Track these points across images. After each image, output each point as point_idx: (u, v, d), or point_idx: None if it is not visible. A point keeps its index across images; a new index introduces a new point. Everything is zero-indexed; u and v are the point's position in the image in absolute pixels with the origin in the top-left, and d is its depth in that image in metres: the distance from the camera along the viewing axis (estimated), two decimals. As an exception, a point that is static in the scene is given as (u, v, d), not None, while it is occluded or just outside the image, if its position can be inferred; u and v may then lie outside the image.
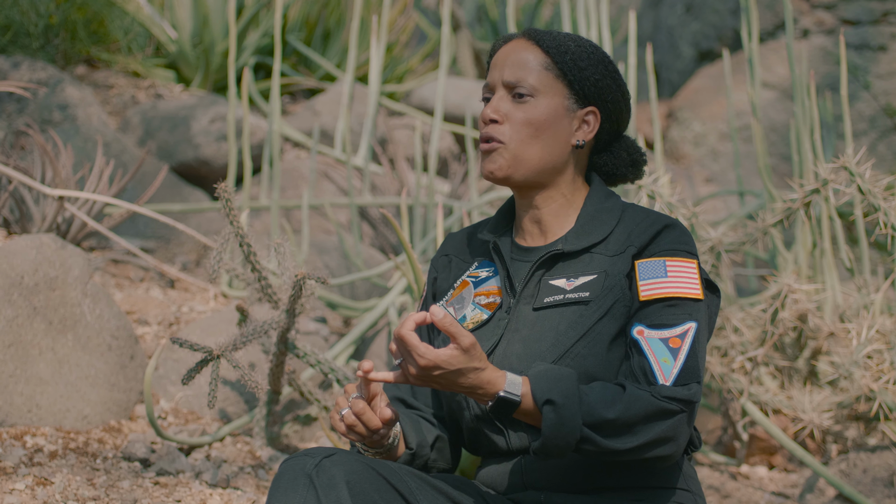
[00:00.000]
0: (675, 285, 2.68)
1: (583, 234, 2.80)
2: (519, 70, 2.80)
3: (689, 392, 2.60)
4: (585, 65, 2.81)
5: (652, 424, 2.57)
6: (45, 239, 4.22)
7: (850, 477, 4.36)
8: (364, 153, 6.58)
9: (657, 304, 2.68)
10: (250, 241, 3.97)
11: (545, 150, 2.79)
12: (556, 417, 2.53)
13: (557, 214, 2.84)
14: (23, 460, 3.81)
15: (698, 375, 2.63)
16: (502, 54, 2.84)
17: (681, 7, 9.45)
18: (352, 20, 7.19)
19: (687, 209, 4.49)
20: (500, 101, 2.81)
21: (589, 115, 2.83)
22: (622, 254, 2.74)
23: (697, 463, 4.86)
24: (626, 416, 2.55)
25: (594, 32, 6.00)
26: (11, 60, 6.62)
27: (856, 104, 8.06)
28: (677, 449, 2.62)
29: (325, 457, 2.56)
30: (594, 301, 2.71)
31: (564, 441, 2.54)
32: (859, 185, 4.20)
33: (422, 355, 2.51)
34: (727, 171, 8.21)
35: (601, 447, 2.56)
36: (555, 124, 2.80)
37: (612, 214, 2.81)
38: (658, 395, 2.58)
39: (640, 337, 2.65)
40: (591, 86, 2.81)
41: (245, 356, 4.41)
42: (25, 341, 4.08)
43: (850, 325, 4.47)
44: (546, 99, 2.79)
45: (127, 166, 5.93)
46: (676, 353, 2.62)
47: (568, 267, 2.78)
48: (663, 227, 2.75)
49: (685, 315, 2.67)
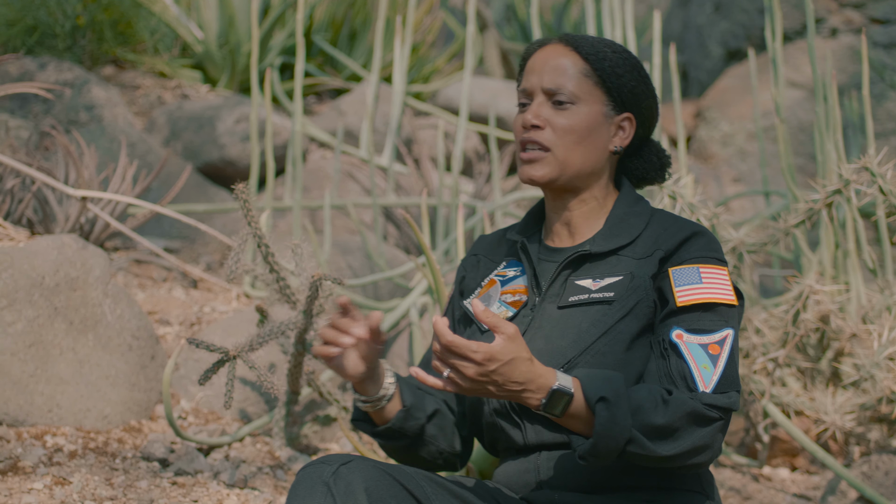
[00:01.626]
0: (712, 291, 2.70)
1: (611, 236, 2.82)
2: (558, 76, 2.82)
3: (728, 401, 2.62)
4: (623, 72, 2.84)
5: (693, 432, 2.59)
6: (67, 239, 4.23)
7: (871, 479, 4.33)
8: (389, 153, 6.58)
9: (694, 310, 2.70)
10: (268, 241, 3.98)
11: (586, 156, 2.82)
12: (608, 415, 2.53)
13: (588, 217, 2.87)
14: (42, 460, 3.82)
15: (737, 384, 2.66)
16: (539, 60, 2.85)
17: (710, 6, 9.41)
18: (377, 20, 7.19)
19: (708, 210, 4.47)
20: (541, 106, 2.82)
21: (625, 121, 2.87)
22: (649, 257, 2.76)
23: (719, 465, 4.84)
24: (671, 421, 2.57)
25: (619, 32, 5.99)
26: (38, 61, 6.65)
27: (885, 103, 8.01)
28: (713, 456, 2.65)
29: (342, 464, 2.57)
30: (618, 301, 2.73)
31: (615, 441, 2.54)
32: (881, 186, 4.17)
33: (476, 350, 2.49)
34: (755, 171, 8.18)
35: (647, 451, 2.56)
36: (595, 131, 2.83)
37: (640, 218, 2.83)
38: (700, 402, 2.59)
39: (679, 341, 2.67)
40: (629, 92, 2.85)
41: (265, 357, 4.42)
42: (46, 341, 4.10)
43: (873, 327, 4.45)
44: (586, 106, 2.82)
45: (152, 167, 5.96)
46: (716, 361, 2.64)
47: (595, 268, 2.80)
48: (692, 233, 2.77)
49: (722, 321, 2.69)
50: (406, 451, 2.92)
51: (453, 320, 2.98)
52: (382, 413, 2.85)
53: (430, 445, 2.90)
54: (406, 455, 2.93)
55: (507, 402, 2.78)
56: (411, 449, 2.92)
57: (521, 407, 2.76)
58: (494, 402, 2.80)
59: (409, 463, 2.92)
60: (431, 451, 2.92)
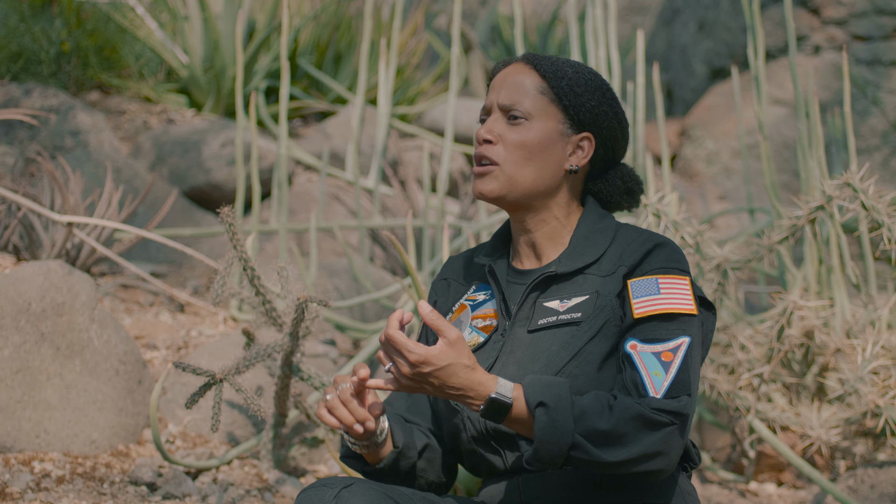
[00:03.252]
0: (669, 301, 2.71)
1: (575, 255, 2.82)
2: (514, 93, 2.84)
3: (678, 404, 2.60)
4: (581, 90, 2.84)
5: (642, 437, 2.57)
6: (53, 265, 4.24)
7: (857, 493, 4.35)
8: (374, 175, 6.59)
9: (651, 321, 2.70)
10: (254, 264, 3.99)
11: (538, 172, 2.82)
12: (548, 420, 2.55)
13: (551, 238, 2.87)
14: (30, 486, 3.82)
15: (689, 388, 2.64)
16: (500, 77, 2.88)
17: (693, 25, 9.46)
18: (362, 43, 7.21)
19: (693, 227, 4.49)
20: (495, 122, 2.84)
21: (583, 140, 2.86)
22: (613, 274, 2.76)
23: (706, 480, 4.85)
24: (616, 426, 2.56)
25: (602, 52, 6.01)
26: (23, 87, 6.66)
27: (867, 119, 8.04)
28: (669, 463, 2.62)
29: (343, 487, 2.59)
30: (585, 321, 2.73)
31: (557, 446, 2.55)
32: (863, 202, 4.19)
33: (412, 350, 2.54)
34: (740, 189, 8.21)
35: (592, 456, 2.56)
36: (548, 148, 2.83)
37: (605, 235, 2.83)
38: (647, 406, 2.59)
39: (632, 351, 2.67)
40: (587, 112, 2.85)
41: (252, 379, 4.43)
42: (33, 367, 4.10)
43: (857, 341, 4.47)
44: (540, 122, 2.82)
45: (138, 191, 5.96)
46: (668, 367, 2.64)
47: (562, 289, 2.81)
48: (654, 245, 2.77)
49: (678, 330, 2.69)
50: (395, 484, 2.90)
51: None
52: (374, 454, 2.84)
53: (420, 479, 2.90)
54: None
55: (483, 429, 2.78)
56: (401, 484, 2.90)
57: (499, 433, 2.77)
58: (472, 430, 2.81)
59: None
60: (420, 485, 2.92)
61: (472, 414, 2.79)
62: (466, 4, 10.82)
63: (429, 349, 2.54)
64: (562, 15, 10.21)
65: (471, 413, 2.79)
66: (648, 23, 10.68)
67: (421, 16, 8.61)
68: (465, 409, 2.81)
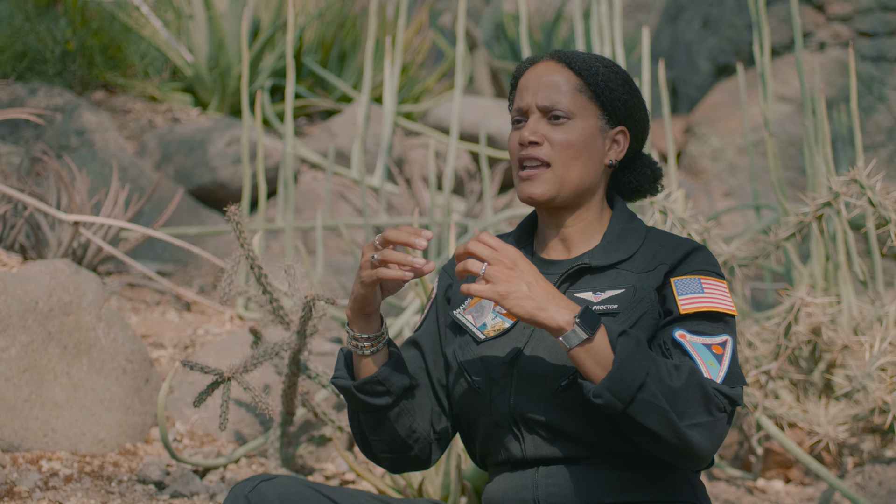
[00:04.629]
0: (713, 301, 2.73)
1: (610, 250, 2.83)
2: (553, 93, 2.83)
3: (735, 392, 2.64)
4: (615, 86, 2.86)
5: (699, 410, 2.59)
6: (59, 264, 4.24)
7: (865, 490, 4.34)
8: (380, 173, 6.59)
9: (697, 318, 2.72)
10: (261, 263, 3.99)
11: (584, 170, 2.83)
12: (630, 347, 2.56)
13: (584, 232, 2.88)
14: (38, 485, 3.83)
15: (743, 380, 2.68)
16: (532, 77, 2.86)
17: (698, 22, 9.45)
18: (367, 41, 7.21)
19: (699, 224, 4.48)
20: (538, 123, 2.83)
21: (619, 134, 2.88)
22: (652, 271, 2.77)
23: (714, 478, 4.85)
24: (684, 388, 2.57)
25: (608, 49, 6.01)
26: (29, 87, 6.67)
27: (873, 116, 8.03)
28: (712, 452, 2.63)
29: (263, 480, 2.66)
30: (623, 313, 2.74)
31: (631, 376, 2.54)
32: (870, 198, 4.19)
33: (503, 243, 2.60)
34: (745, 186, 8.20)
35: (659, 403, 2.55)
36: (591, 145, 2.84)
37: (637, 235, 2.85)
38: (709, 384, 2.61)
39: (682, 340, 2.69)
40: (622, 106, 2.86)
41: (259, 378, 4.43)
42: (40, 366, 4.10)
43: (864, 338, 4.46)
44: (582, 121, 2.83)
45: (144, 190, 5.97)
46: (720, 359, 2.67)
47: (594, 281, 2.81)
48: (692, 248, 2.80)
49: (721, 329, 2.72)
50: (381, 419, 2.82)
51: (438, 327, 2.96)
52: (368, 364, 2.78)
53: (406, 417, 2.83)
54: (379, 426, 2.83)
55: (510, 413, 2.76)
56: (387, 414, 2.82)
57: (523, 418, 2.75)
58: (495, 414, 2.79)
59: (380, 442, 2.84)
60: (405, 426, 2.83)
61: (498, 396, 2.76)
62: (471, 2, 10.82)
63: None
64: (566, 12, 10.21)
65: (496, 396, 2.77)
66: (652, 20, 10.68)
67: (425, 14, 8.62)
68: (491, 391, 2.77)
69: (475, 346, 2.83)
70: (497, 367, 2.78)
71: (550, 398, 2.71)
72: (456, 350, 2.85)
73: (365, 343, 2.77)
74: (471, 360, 2.81)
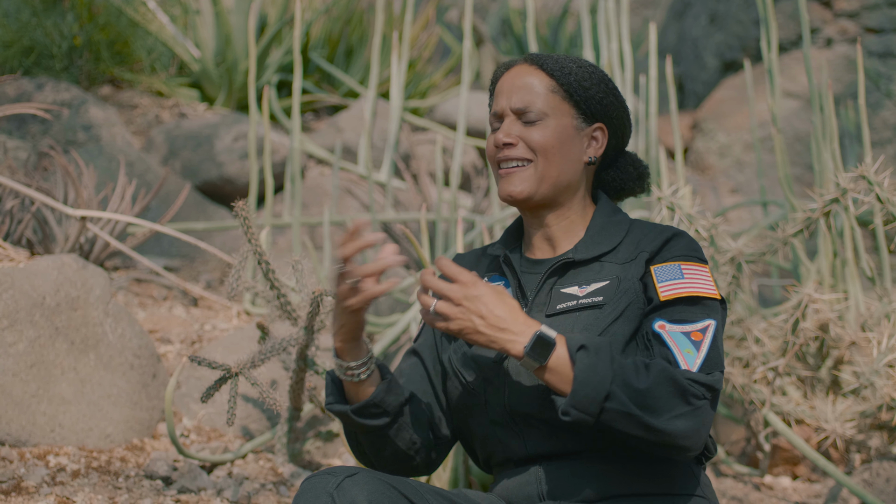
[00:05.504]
0: (693, 286, 2.75)
1: (593, 244, 2.86)
2: (526, 95, 2.87)
3: (712, 379, 2.63)
4: (589, 84, 2.90)
5: (675, 404, 2.59)
6: (67, 259, 4.24)
7: (873, 486, 4.34)
8: (387, 169, 6.59)
9: (677, 304, 2.73)
10: (268, 258, 3.99)
11: (562, 168, 2.87)
12: (589, 363, 2.56)
13: (568, 230, 2.91)
14: (45, 480, 3.83)
15: (721, 365, 2.68)
16: (506, 82, 2.91)
17: (705, 18, 9.44)
18: (374, 37, 7.20)
19: (706, 220, 4.48)
20: (512, 125, 2.87)
21: (597, 131, 2.92)
22: (634, 260, 2.80)
23: (721, 474, 4.85)
24: (652, 387, 2.58)
25: (615, 45, 6.00)
26: (36, 82, 6.67)
27: (881, 112, 8.03)
28: (699, 440, 2.63)
29: (347, 476, 2.58)
30: (608, 304, 2.76)
31: (594, 391, 2.55)
32: (878, 194, 4.19)
33: (461, 272, 2.60)
34: (752, 182, 8.19)
35: (626, 408, 2.56)
36: (567, 143, 2.87)
37: (620, 227, 2.88)
38: (683, 375, 2.61)
39: (661, 331, 2.70)
40: (597, 104, 2.91)
41: (266, 373, 4.43)
42: (48, 361, 4.10)
43: (872, 334, 4.46)
44: (555, 119, 2.87)
45: (151, 185, 5.97)
46: (699, 345, 2.67)
47: (579, 275, 2.84)
48: (672, 235, 2.83)
49: (704, 313, 2.73)
50: (381, 437, 2.85)
51: (434, 336, 2.98)
52: (361, 387, 2.80)
53: (405, 431, 2.86)
54: (380, 444, 2.86)
55: (506, 412, 2.78)
56: (387, 433, 2.85)
57: (522, 415, 2.76)
58: (492, 413, 2.81)
59: (381, 459, 2.87)
60: (405, 439, 2.86)
61: (493, 396, 2.79)
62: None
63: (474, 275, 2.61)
64: (572, 8, 10.20)
65: (491, 395, 2.79)
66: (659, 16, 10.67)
67: (432, 9, 8.61)
68: (486, 391, 2.80)
69: (467, 348, 2.86)
70: (489, 366, 2.82)
71: (544, 394, 2.73)
72: (451, 355, 2.90)
73: (360, 370, 2.79)
74: (463, 362, 2.86)
